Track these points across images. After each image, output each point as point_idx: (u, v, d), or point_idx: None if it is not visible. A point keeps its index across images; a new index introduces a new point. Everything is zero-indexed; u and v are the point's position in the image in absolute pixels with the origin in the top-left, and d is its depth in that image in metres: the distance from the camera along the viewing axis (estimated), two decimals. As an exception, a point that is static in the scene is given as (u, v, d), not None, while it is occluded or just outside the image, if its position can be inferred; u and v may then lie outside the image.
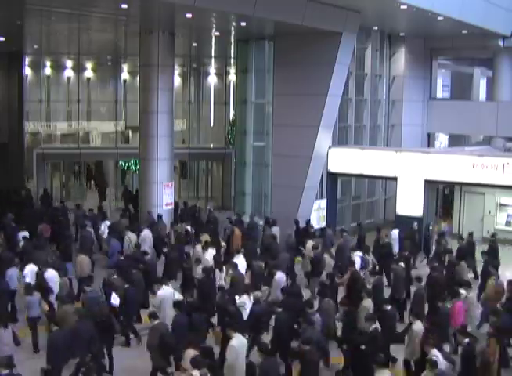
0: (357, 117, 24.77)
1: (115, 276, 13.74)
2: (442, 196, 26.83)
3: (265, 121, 23.34)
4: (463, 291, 13.26)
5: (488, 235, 22.93)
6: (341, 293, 14.67)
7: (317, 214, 22.16)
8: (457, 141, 30.94)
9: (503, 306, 12.97)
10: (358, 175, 23.29)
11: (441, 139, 31.97)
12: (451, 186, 24.54)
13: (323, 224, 21.87)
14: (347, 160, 22.73)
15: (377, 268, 17.18)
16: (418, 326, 11.38)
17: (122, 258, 15.95)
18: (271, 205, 22.58)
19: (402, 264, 15.71)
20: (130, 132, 31.69)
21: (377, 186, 26.53)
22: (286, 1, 17.72)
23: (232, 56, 27.77)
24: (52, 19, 19.87)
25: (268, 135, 22.91)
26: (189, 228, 19.62)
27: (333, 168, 22.79)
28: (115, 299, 13.07)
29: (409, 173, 21.35)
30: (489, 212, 23.43)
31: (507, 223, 23.32)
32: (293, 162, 21.30)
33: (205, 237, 17.77)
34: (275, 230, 19.52)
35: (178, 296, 12.99)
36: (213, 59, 31.35)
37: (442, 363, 9.92)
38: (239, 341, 10.32)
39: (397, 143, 26.23)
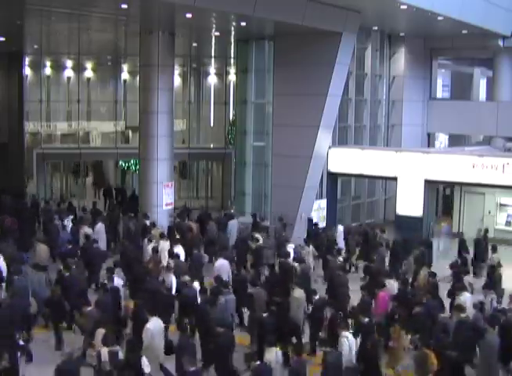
0: (357, 117, 24.77)
1: (74, 267, 14.52)
2: (443, 196, 26.82)
3: (265, 121, 23.35)
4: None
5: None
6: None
7: (317, 214, 22.16)
8: (457, 141, 30.92)
9: (431, 293, 13.43)
10: (358, 175, 23.29)
11: (441, 139, 31.96)
12: (451, 185, 24.54)
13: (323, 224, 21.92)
14: (347, 160, 22.73)
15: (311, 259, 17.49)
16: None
17: (70, 247, 16.82)
18: (271, 205, 22.58)
19: (341, 258, 16.88)
20: (130, 132, 31.62)
21: (377, 186, 26.52)
22: (286, 1, 17.72)
23: (232, 55, 27.74)
24: (52, 19, 19.87)
25: (268, 135, 22.91)
26: (147, 222, 19.73)
27: (333, 168, 22.78)
28: None
29: (409, 173, 21.35)
30: (489, 212, 23.43)
31: (507, 223, 23.32)
32: (293, 162, 21.29)
33: (157, 231, 18.54)
34: (233, 223, 20.12)
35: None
36: (213, 59, 31.31)
37: (352, 343, 10.81)
38: (155, 323, 11.09)
39: (397, 143, 26.22)
